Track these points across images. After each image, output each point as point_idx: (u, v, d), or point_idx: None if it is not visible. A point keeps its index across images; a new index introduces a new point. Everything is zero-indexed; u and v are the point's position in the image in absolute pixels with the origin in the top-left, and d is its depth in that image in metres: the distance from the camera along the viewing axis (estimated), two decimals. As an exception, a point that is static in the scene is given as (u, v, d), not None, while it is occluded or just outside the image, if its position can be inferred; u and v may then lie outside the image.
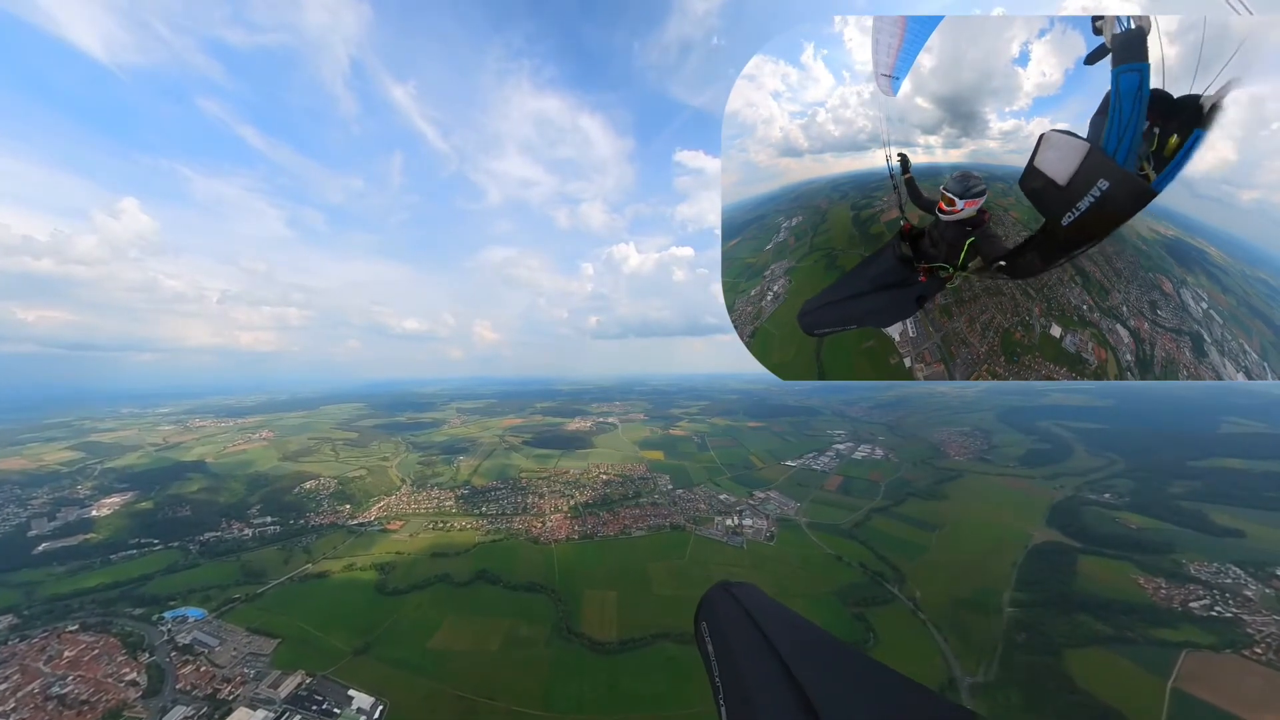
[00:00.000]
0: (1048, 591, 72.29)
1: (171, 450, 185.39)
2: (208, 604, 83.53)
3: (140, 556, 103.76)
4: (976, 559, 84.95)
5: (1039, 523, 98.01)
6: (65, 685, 64.92)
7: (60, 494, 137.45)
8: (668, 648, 66.30)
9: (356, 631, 72.98)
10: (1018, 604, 70.43)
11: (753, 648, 3.56)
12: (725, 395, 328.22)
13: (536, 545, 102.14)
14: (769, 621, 3.79)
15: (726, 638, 3.81)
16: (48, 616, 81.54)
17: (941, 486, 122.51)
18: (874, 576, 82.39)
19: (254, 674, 65.71)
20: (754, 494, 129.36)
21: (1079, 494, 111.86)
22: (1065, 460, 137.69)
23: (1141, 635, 61.60)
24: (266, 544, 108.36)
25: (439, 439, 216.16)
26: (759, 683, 3.18)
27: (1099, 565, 79.17)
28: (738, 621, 3.91)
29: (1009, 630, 64.36)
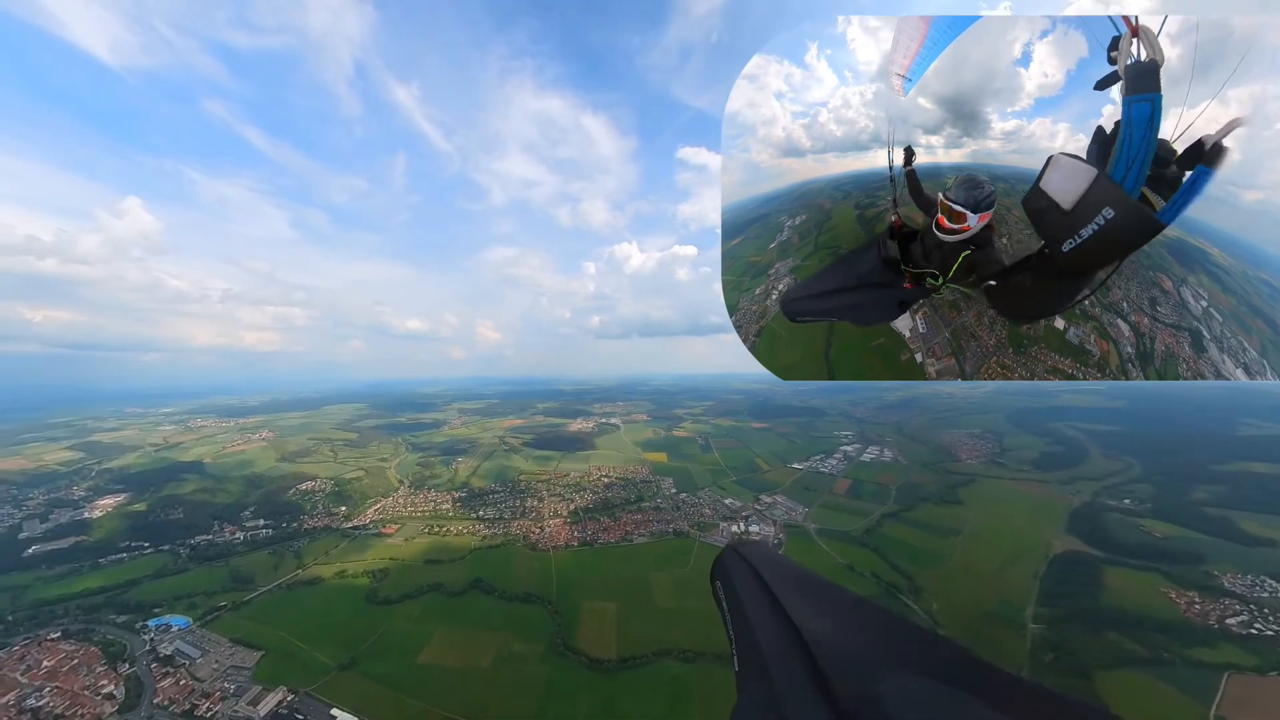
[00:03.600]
0: (1074, 606, 68.13)
1: (171, 450, 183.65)
2: (193, 611, 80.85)
3: (130, 560, 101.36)
4: (995, 569, 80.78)
5: (1059, 530, 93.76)
6: (41, 697, 62.46)
7: (56, 495, 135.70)
8: (670, 666, 62.38)
9: (343, 644, 69.87)
10: (1042, 619, 66.18)
11: (757, 599, 3.93)
12: (729, 395, 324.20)
13: (534, 552, 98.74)
14: (772, 574, 4.20)
15: (736, 592, 4.20)
16: (31, 623, 79.20)
17: (954, 491, 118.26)
18: (888, 588, 78.17)
19: (234, 689, 62.80)
20: (760, 498, 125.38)
21: (1098, 499, 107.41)
22: (1081, 464, 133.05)
23: (1178, 656, 57.42)
24: (257, 548, 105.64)
25: (439, 440, 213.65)
26: (763, 629, 3.55)
27: (1125, 577, 74.94)
28: (745, 577, 4.33)
29: (1035, 649, 60.35)
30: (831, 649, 3.04)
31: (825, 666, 2.87)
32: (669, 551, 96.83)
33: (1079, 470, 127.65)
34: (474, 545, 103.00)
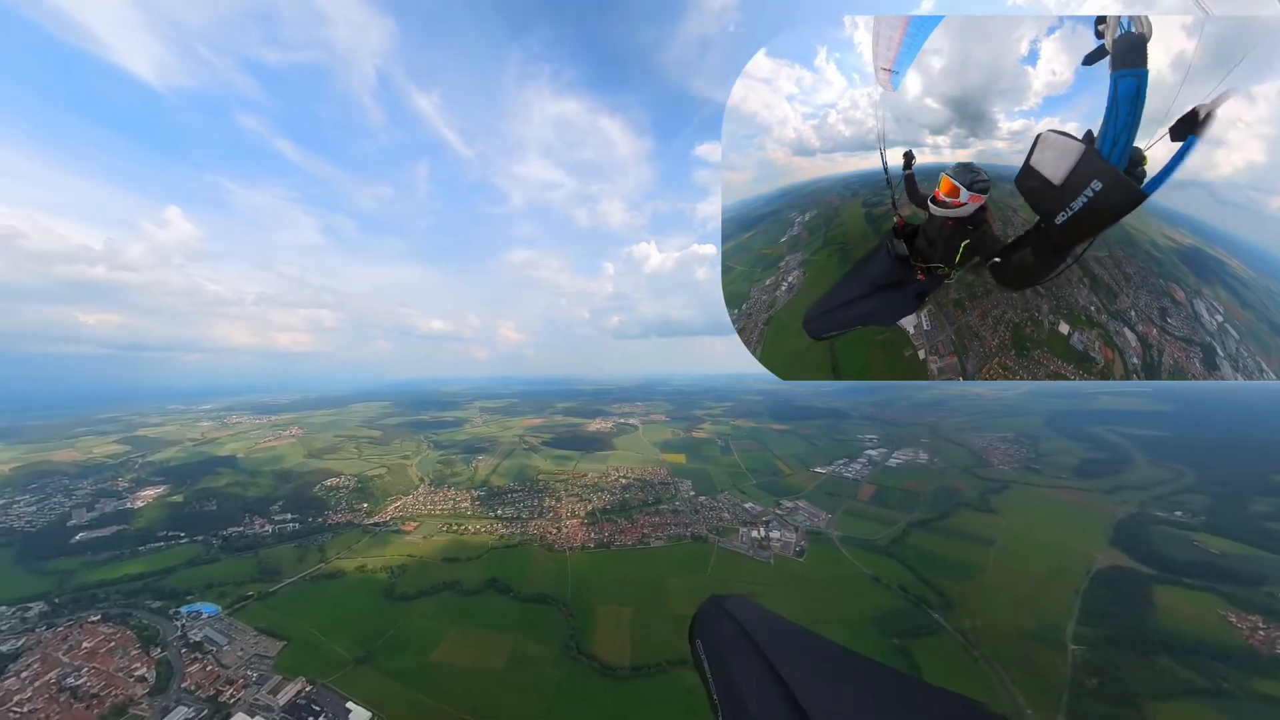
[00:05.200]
0: (1120, 626, 63.44)
1: (208, 445, 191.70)
2: (222, 600, 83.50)
3: (166, 549, 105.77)
4: (1032, 584, 76.08)
5: (1102, 543, 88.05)
6: (80, 677, 65.42)
7: (102, 485, 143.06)
8: (685, 677, 60.54)
9: (360, 638, 70.80)
10: (1084, 640, 61.84)
11: (745, 660, 3.61)
12: (748, 396, 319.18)
13: (550, 553, 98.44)
14: (761, 632, 3.88)
15: (721, 652, 3.86)
16: (74, 605, 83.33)
17: (986, 498, 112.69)
18: (916, 602, 74.37)
19: (256, 677, 64.35)
20: (781, 503, 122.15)
21: (1145, 510, 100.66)
22: (1125, 471, 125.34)
23: (1239, 687, 52.61)
24: (284, 541, 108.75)
25: (460, 438, 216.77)
26: (753, 694, 3.24)
27: (1179, 597, 69.54)
28: (731, 636, 3.98)
29: (1076, 672, 56.24)
30: (826, 707, 2.92)
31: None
32: (687, 556, 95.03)
33: (1123, 478, 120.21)
34: (491, 544, 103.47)
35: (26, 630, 75.63)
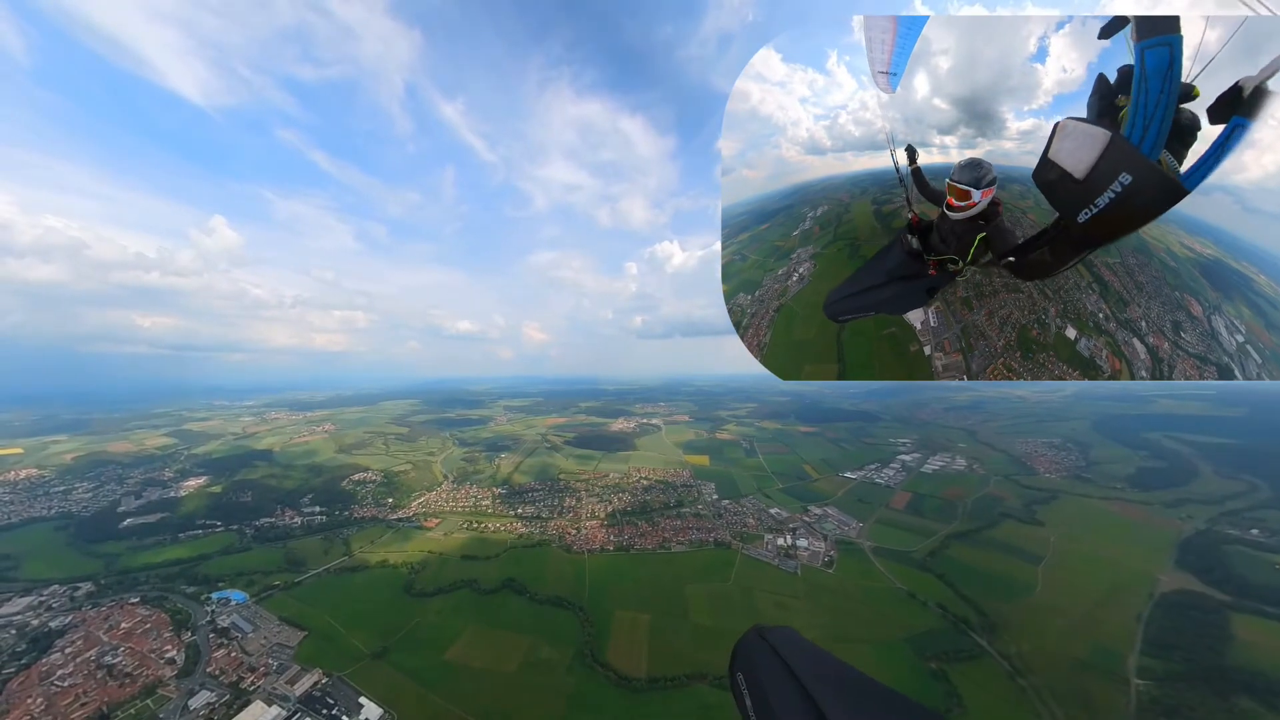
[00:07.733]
0: (1191, 660, 56.92)
1: (247, 439, 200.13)
2: (251, 588, 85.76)
3: (204, 537, 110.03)
4: (1087, 607, 69.62)
5: (1165, 563, 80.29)
6: (116, 656, 68.40)
7: (151, 475, 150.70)
8: (702, 692, 57.65)
9: (378, 633, 71.00)
10: (1150, 674, 55.71)
11: (790, 700, 3.47)
12: (774, 397, 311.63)
13: (569, 554, 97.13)
14: (807, 670, 3.71)
15: (763, 689, 3.73)
16: (118, 587, 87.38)
17: (1031, 509, 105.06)
18: (956, 622, 68.94)
19: (276, 666, 65.46)
20: (809, 509, 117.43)
21: (1215, 528, 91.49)
22: (1189, 483, 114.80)
23: (1340, 734, 46.19)
24: (312, 533, 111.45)
25: (485, 436, 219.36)
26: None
27: (1260, 629, 62.21)
28: (775, 671, 3.82)
29: (1141, 710, 50.48)
30: None
31: None
32: (709, 563, 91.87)
33: (1187, 491, 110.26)
34: (510, 542, 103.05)
35: (74, 609, 79.77)
